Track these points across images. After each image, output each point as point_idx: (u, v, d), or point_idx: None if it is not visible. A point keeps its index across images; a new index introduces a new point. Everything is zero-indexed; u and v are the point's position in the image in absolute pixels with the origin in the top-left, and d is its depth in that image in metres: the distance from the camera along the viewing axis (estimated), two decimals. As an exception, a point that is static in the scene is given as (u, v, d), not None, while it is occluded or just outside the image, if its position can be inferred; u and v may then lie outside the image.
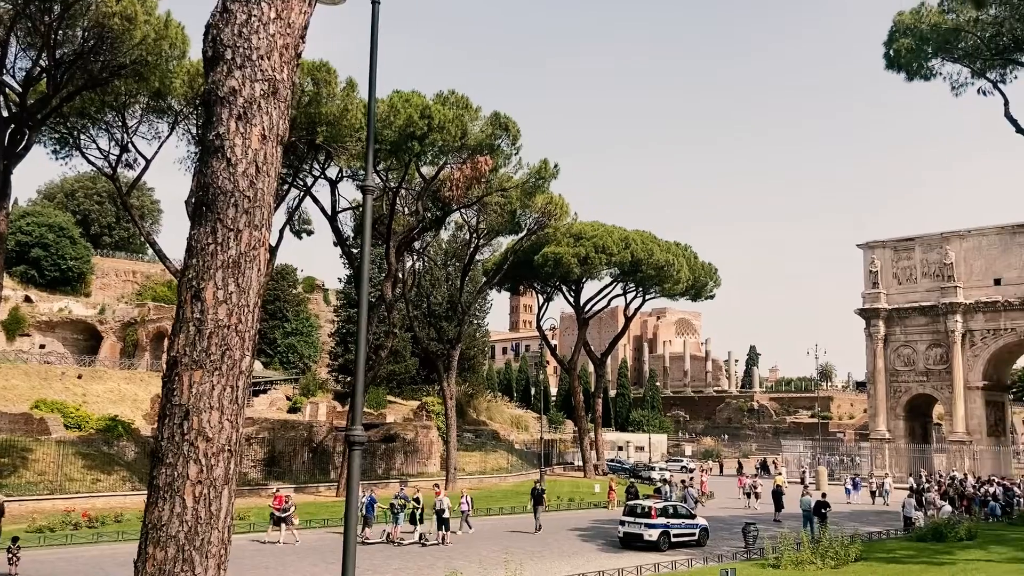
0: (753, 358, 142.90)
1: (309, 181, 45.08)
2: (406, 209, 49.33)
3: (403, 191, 47.09)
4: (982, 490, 45.90)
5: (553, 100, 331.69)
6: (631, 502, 33.65)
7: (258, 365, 69.78)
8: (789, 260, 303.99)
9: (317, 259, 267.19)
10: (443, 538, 30.71)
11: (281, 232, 45.89)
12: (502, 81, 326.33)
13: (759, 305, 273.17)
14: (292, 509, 30.18)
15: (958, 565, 25.46)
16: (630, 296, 67.86)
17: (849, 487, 52.58)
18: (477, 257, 58.68)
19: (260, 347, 71.74)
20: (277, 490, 32.93)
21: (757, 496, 46.94)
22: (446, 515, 30.92)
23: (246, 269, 5.94)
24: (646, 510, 31.14)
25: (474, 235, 53.37)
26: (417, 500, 32.00)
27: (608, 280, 65.60)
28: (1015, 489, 46.49)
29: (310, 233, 50.34)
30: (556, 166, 49.33)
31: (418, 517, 31.52)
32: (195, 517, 5.60)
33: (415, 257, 56.65)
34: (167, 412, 5.76)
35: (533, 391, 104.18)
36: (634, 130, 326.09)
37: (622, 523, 31.60)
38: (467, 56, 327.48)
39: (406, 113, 39.84)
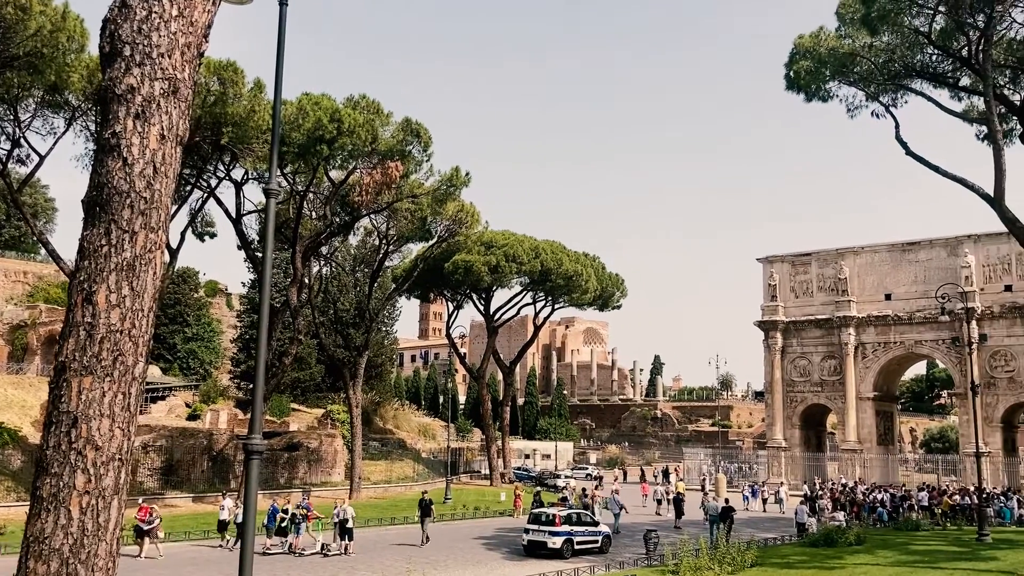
0: (658, 367, 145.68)
1: (213, 182, 43.91)
2: (314, 213, 48.59)
3: (311, 195, 46.37)
4: (871, 496, 47.88)
5: (468, 109, 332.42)
6: (535, 510, 33.86)
7: (156, 371, 67.48)
8: (694, 272, 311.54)
9: (221, 263, 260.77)
10: (345, 548, 30.27)
11: (183, 234, 44.62)
12: (415, 87, 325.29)
13: (664, 316, 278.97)
14: (157, 522, 29.00)
15: (847, 569, 26.46)
16: (539, 305, 68.50)
17: (747, 494, 54.06)
18: (387, 263, 58.19)
19: (159, 352, 69.38)
20: (141, 501, 31.38)
21: (670, 503, 47.65)
22: (349, 525, 30.51)
23: (141, 272, 5.76)
24: (550, 518, 31.37)
25: (384, 241, 52.93)
26: (286, 511, 31.27)
27: (518, 289, 66.07)
28: (908, 494, 48.70)
29: (213, 236, 48.97)
30: (468, 174, 49.43)
31: (294, 528, 30.72)
32: (81, 529, 5.39)
33: (322, 262, 55.83)
34: (54, 419, 5.53)
35: (441, 399, 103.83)
36: (547, 141, 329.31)
37: (526, 531, 31.76)
38: (380, 61, 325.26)
39: (315, 116, 39.26)
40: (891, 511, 44.57)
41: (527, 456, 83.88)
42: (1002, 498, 46.83)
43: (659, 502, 48.27)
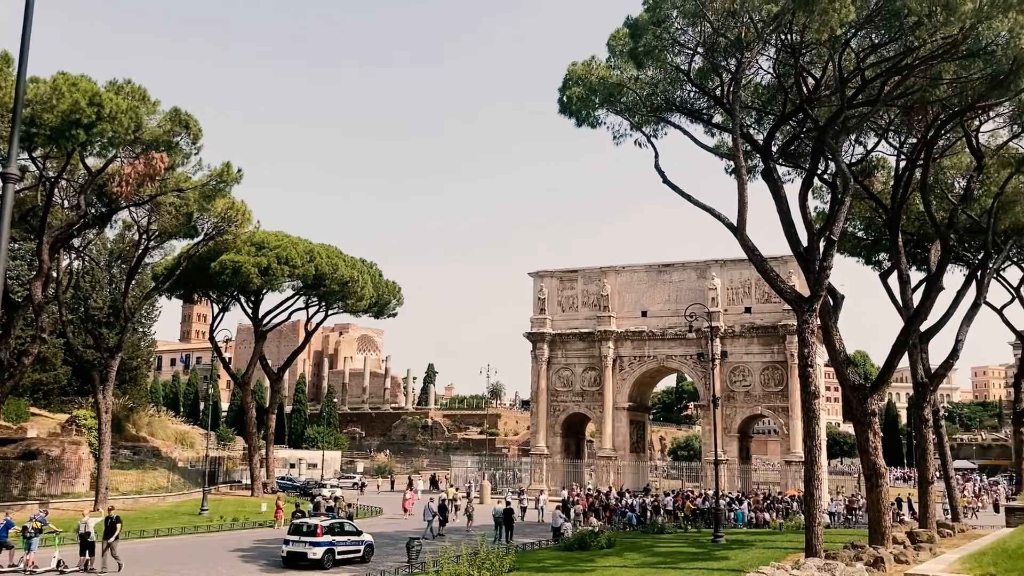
0: (431, 376, 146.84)
1: (-55, 161, 39.38)
2: (66, 202, 44.83)
3: (64, 182, 42.76)
4: (623, 502, 50.78)
5: (254, 108, 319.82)
6: (296, 520, 33.04)
7: None
8: (470, 284, 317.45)
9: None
10: (86, 564, 27.99)
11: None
12: (190, 79, 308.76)
13: (440, 325, 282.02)
14: None
15: (597, 572, 27.88)
16: (313, 310, 67.02)
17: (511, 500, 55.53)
18: (147, 260, 54.55)
19: None
20: None
21: (456, 510, 47.89)
22: (91, 539, 28.25)
23: None
24: (311, 528, 30.70)
25: (144, 236, 49.60)
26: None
27: (290, 293, 64.31)
28: (656, 499, 51.98)
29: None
30: (240, 171, 47.46)
31: (25, 543, 28.03)
32: None
33: (74, 255, 51.58)
34: None
35: (202, 406, 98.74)
36: (330, 148, 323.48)
37: (286, 542, 30.89)
38: (156, 51, 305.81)
39: (72, 98, 36.18)
40: (640, 515, 47.45)
41: (292, 465, 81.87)
42: (735, 503, 51.15)
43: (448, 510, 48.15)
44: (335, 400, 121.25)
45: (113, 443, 51.24)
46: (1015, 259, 46.59)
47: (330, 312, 67.54)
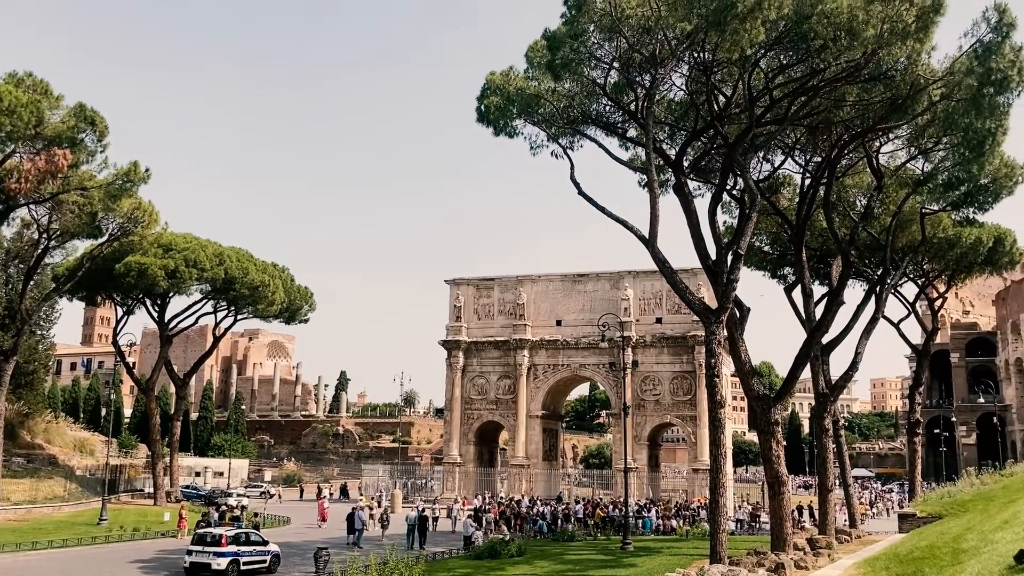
0: (343, 383, 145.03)
1: None
2: (-42, 198, 42.75)
3: (-44, 177, 40.81)
4: (534, 510, 50.99)
5: (161, 107, 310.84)
6: (200, 530, 32.19)
7: None
8: (386, 290, 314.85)
9: None
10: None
11: None
12: (100, 76, 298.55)
13: (354, 332, 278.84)
14: None
15: (506, 579, 27.97)
16: (222, 315, 65.33)
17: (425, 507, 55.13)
18: (47, 260, 52.45)
19: None
20: None
21: (372, 518, 46.79)
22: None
23: None
24: (216, 538, 29.94)
25: (44, 235, 47.65)
26: None
27: (199, 296, 62.49)
28: (567, 507, 52.30)
29: None
30: (148, 170, 46.10)
31: None
32: None
33: (-34, 254, 49.17)
34: None
35: (104, 412, 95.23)
36: (247, 149, 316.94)
37: (189, 552, 30.05)
38: (60, 46, 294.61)
39: (-33, 89, 34.70)
40: (551, 523, 47.74)
41: (198, 474, 79.78)
42: (644, 510, 51.94)
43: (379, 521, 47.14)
44: (243, 407, 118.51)
45: (5, 450, 49.09)
46: (911, 275, 48.75)
47: (240, 317, 66.02)
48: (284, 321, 69.43)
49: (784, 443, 31.22)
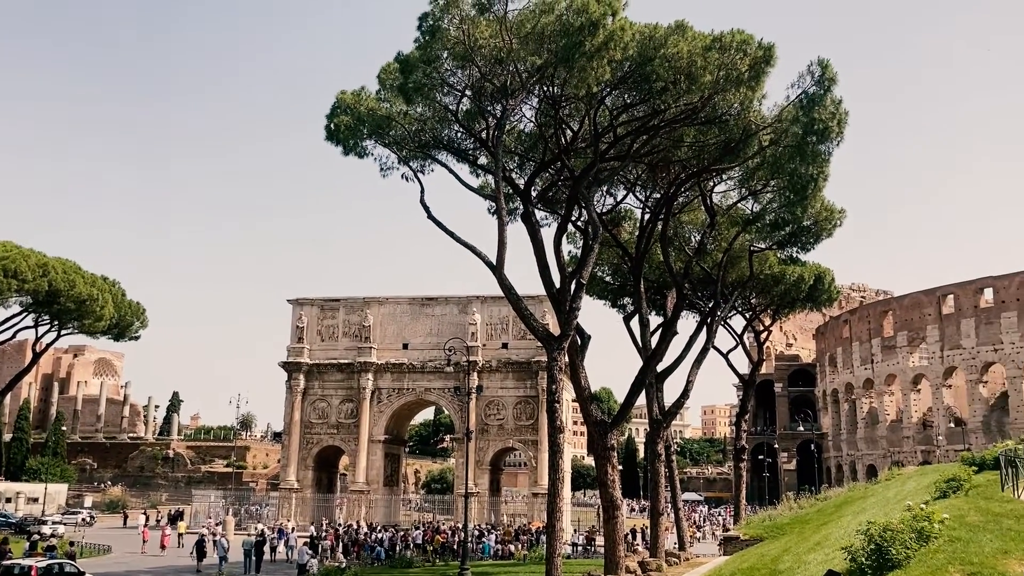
0: (175, 404, 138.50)
1: None
2: None
3: None
4: (372, 536, 50.16)
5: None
6: (7, 563, 29.81)
7: None
8: (224, 310, 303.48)
9: None
10: None
11: None
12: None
13: (190, 351, 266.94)
14: None
15: (341, 607, 27.35)
16: (43, 329, 61.35)
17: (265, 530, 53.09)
18: None
19: None
20: None
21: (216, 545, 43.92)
22: None
23: None
24: (24, 570, 27.84)
25: None
26: None
27: (18, 309, 58.42)
28: (406, 533, 51.68)
29: None
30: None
31: None
32: None
33: None
34: None
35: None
36: (85, 161, 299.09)
37: (-6, 587, 27.79)
38: None
39: None
40: (388, 549, 47.05)
41: (9, 500, 74.09)
42: (483, 535, 52.05)
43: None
44: (64, 428, 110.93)
45: None
46: (740, 309, 51.65)
47: (64, 332, 62.15)
48: (113, 338, 65.95)
49: (620, 468, 32.25)
